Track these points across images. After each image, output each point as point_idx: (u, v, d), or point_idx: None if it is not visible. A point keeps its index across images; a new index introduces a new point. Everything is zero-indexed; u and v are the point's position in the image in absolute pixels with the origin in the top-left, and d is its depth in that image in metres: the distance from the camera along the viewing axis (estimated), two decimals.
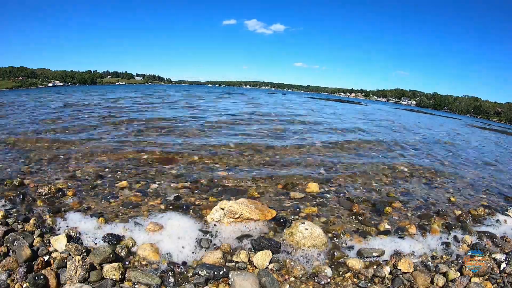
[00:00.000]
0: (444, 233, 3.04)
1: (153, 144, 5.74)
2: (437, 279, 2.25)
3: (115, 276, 2.01)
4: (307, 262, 2.39)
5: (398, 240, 2.81)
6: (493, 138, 15.35)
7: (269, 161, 5.18)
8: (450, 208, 3.76)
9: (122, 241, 2.45)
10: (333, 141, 7.36)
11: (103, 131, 6.91)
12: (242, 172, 4.46)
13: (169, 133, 7.08)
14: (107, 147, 5.35)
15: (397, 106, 59.67)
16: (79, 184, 3.61)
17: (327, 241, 2.64)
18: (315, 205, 3.49)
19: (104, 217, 2.79)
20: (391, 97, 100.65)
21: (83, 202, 3.15)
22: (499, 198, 4.44)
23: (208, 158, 5.06)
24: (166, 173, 4.19)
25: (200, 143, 6.07)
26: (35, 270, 2.00)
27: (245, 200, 3.06)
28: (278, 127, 9.02)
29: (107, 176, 3.97)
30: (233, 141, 6.33)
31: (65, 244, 2.24)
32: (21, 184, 3.48)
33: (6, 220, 2.57)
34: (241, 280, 2.02)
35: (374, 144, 7.64)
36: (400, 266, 2.37)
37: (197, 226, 2.78)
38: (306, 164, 5.13)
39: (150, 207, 3.12)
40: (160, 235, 2.57)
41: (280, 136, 7.58)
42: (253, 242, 2.55)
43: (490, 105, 73.93)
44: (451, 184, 4.85)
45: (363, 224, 3.11)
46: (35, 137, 5.99)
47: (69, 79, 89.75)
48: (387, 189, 4.26)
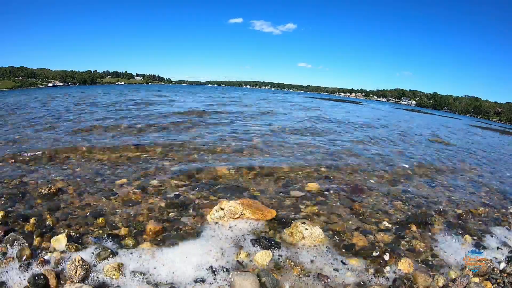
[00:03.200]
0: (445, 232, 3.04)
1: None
2: (437, 279, 2.25)
3: (115, 276, 2.01)
4: (307, 261, 2.39)
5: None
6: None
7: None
8: (451, 207, 3.77)
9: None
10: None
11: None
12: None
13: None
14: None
15: (397, 106, 59.78)
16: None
17: (327, 241, 2.64)
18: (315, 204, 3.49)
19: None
20: (391, 97, 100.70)
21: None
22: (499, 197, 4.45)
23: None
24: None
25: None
26: (35, 270, 2.00)
27: (245, 200, 3.06)
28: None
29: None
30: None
31: (65, 244, 2.24)
32: (21, 183, 3.49)
33: (6, 220, 2.57)
34: (241, 280, 2.02)
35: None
36: (400, 266, 2.37)
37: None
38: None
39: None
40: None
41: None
42: (253, 242, 2.55)
43: (490, 105, 73.96)
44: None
45: (363, 222, 3.12)
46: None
47: (69, 79, 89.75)
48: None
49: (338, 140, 7.73)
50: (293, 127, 9.28)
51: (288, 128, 8.85)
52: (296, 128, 9.00)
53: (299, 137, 7.61)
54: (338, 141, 7.57)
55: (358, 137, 8.44)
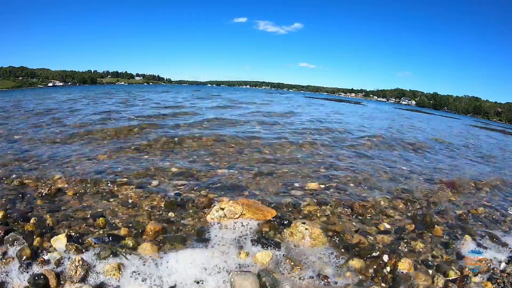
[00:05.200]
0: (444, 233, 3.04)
1: None
2: (437, 279, 2.25)
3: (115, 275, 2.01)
4: (308, 261, 2.39)
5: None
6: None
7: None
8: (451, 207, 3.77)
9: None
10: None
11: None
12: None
13: None
14: None
15: (398, 106, 59.72)
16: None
17: (327, 241, 2.65)
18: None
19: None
20: (391, 97, 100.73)
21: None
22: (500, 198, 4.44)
23: None
24: None
25: None
26: (35, 270, 2.00)
27: (246, 200, 3.06)
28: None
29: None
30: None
31: (65, 244, 2.24)
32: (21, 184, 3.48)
33: (6, 220, 2.57)
34: (241, 280, 2.02)
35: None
36: (400, 266, 2.37)
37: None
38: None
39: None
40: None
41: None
42: (253, 242, 2.55)
43: (490, 105, 73.99)
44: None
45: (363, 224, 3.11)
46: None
47: (69, 79, 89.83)
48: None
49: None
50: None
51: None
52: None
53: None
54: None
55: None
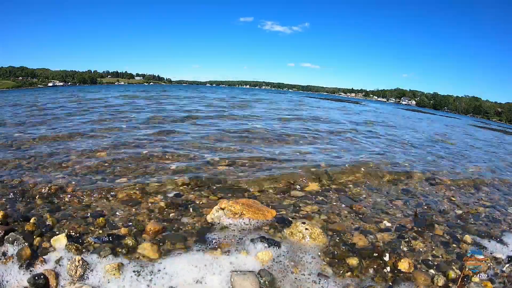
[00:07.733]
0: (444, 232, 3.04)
1: None
2: (437, 278, 2.25)
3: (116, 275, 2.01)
4: (308, 261, 2.39)
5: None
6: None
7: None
8: (451, 207, 3.77)
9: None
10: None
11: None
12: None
13: None
14: None
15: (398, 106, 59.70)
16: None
17: (327, 240, 2.65)
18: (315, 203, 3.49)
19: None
20: (391, 97, 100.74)
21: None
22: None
23: None
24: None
25: None
26: (35, 270, 2.00)
27: (245, 200, 3.06)
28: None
29: None
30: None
31: (65, 244, 2.24)
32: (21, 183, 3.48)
33: (6, 220, 2.57)
34: (241, 280, 2.02)
35: None
36: (400, 266, 2.37)
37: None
38: None
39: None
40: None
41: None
42: (253, 242, 2.55)
43: (490, 105, 73.99)
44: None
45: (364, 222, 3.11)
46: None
47: (69, 79, 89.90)
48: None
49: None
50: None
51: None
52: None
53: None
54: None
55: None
